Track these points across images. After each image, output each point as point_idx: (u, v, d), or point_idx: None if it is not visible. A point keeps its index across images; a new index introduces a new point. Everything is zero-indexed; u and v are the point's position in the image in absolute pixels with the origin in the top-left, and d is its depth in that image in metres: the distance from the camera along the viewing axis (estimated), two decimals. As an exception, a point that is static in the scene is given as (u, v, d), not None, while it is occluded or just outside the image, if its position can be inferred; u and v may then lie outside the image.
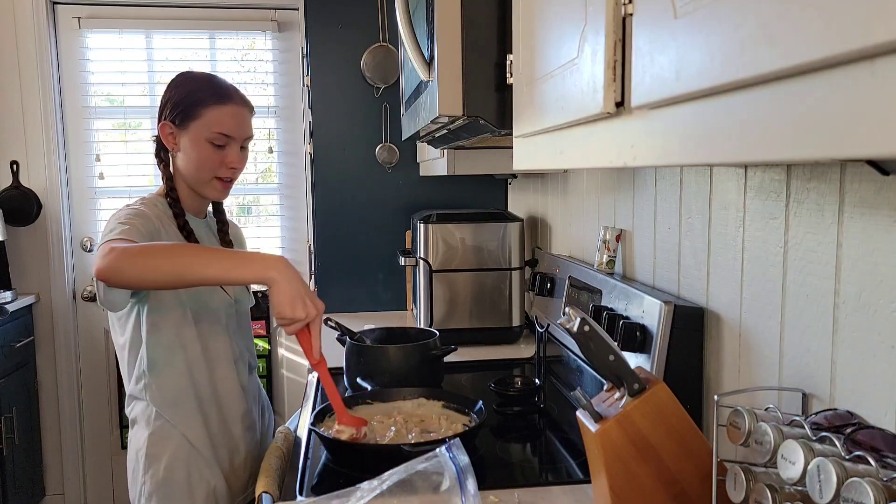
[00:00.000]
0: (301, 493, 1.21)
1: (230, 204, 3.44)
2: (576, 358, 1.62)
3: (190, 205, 1.48)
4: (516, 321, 2.20)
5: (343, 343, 1.78)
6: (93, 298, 3.16)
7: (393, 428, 1.37)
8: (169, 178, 1.46)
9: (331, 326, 1.80)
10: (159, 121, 1.44)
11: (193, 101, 1.41)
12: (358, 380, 1.64)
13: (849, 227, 0.85)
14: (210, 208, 1.58)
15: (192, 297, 1.41)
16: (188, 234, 1.43)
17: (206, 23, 3.25)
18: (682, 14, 0.53)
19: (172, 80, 1.46)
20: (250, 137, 1.48)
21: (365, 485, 1.08)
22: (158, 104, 1.46)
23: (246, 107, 1.47)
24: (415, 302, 2.47)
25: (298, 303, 1.20)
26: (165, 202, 1.45)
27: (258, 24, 3.26)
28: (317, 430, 1.31)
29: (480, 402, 1.41)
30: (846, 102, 0.37)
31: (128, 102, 3.27)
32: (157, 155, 1.47)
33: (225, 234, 1.56)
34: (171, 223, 1.43)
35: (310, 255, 2.92)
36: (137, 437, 1.43)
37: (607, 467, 0.96)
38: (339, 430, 1.32)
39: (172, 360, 1.41)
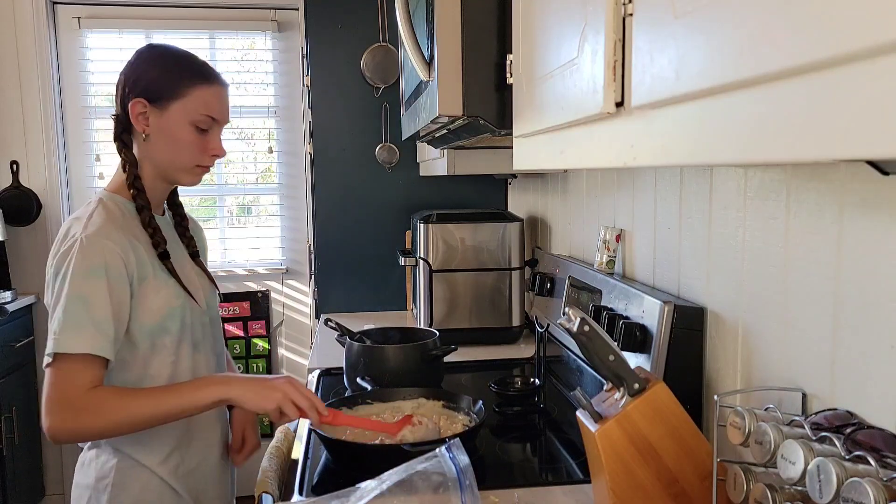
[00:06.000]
0: (301, 493, 1.21)
1: (230, 204, 3.44)
2: (576, 358, 1.62)
3: (151, 196, 1.27)
4: (516, 321, 2.20)
5: (343, 343, 1.78)
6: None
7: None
8: (133, 164, 1.24)
9: (330, 327, 1.80)
10: (125, 99, 1.23)
11: (176, 77, 1.22)
12: (358, 380, 1.64)
13: (849, 228, 0.85)
14: (166, 203, 1.38)
15: (161, 321, 1.23)
16: (154, 231, 1.24)
17: (205, 22, 3.25)
18: (682, 14, 0.53)
19: (141, 54, 1.26)
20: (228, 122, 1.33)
21: (365, 485, 1.08)
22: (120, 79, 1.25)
23: (226, 87, 1.30)
24: (415, 302, 2.47)
25: (267, 394, 1.17)
26: (123, 198, 1.25)
27: (258, 24, 3.26)
28: (317, 430, 1.31)
29: (481, 402, 1.42)
30: (846, 102, 0.37)
31: (128, 102, 3.26)
32: (119, 138, 1.26)
33: (185, 228, 1.38)
34: (134, 222, 1.24)
35: (310, 255, 2.92)
36: (101, 463, 1.24)
37: (607, 467, 0.96)
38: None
39: None
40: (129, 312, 1.18)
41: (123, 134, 1.25)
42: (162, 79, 1.22)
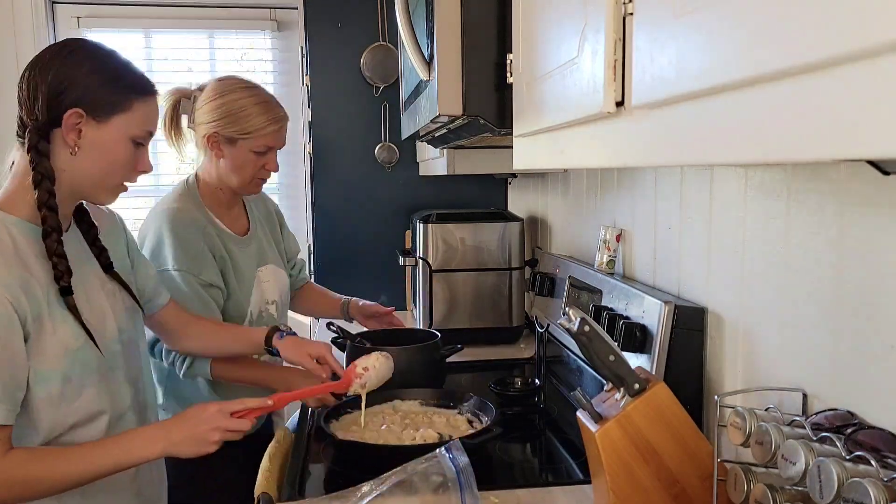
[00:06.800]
0: (301, 494, 1.20)
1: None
2: (576, 358, 1.62)
3: (61, 214, 1.11)
4: (516, 321, 2.20)
5: (342, 347, 1.76)
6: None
7: (384, 426, 1.37)
8: (49, 178, 1.07)
9: (332, 330, 1.80)
10: (57, 105, 1.07)
11: (121, 89, 1.11)
12: None
13: (849, 227, 0.84)
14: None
15: (59, 367, 1.07)
16: (59, 261, 1.07)
17: (205, 22, 3.25)
18: (683, 13, 0.53)
19: (75, 56, 1.10)
20: None
21: (365, 485, 1.08)
22: (26, 82, 1.11)
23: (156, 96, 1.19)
24: (415, 302, 2.47)
25: (202, 437, 1.10)
26: (14, 218, 1.08)
27: (257, 24, 3.26)
28: (327, 429, 1.30)
29: (494, 408, 1.39)
30: (846, 102, 0.37)
31: (127, 102, 3.26)
32: (34, 148, 1.07)
33: (95, 237, 1.21)
34: (27, 248, 1.07)
35: (309, 255, 2.92)
36: None
37: (607, 467, 0.96)
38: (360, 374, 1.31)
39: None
40: (26, 361, 1.03)
41: (40, 143, 1.07)
42: (105, 89, 1.09)
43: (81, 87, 1.08)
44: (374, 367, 1.33)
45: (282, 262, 1.74)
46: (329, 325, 1.84)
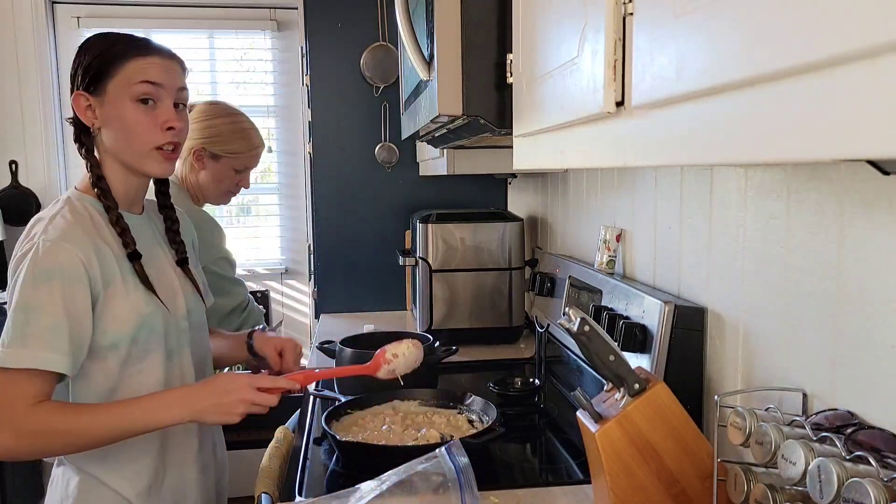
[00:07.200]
0: (301, 494, 1.20)
1: (230, 203, 3.43)
2: (576, 358, 1.62)
3: (124, 194, 1.20)
4: (516, 321, 2.20)
5: (332, 354, 1.74)
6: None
7: (389, 426, 1.37)
8: (95, 165, 1.18)
9: (324, 350, 1.78)
10: (71, 95, 1.17)
11: (108, 58, 1.14)
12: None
13: (849, 227, 0.84)
14: (154, 203, 1.33)
15: (129, 330, 1.14)
16: (122, 231, 1.16)
17: (205, 22, 3.25)
18: (683, 13, 0.53)
19: (81, 46, 1.18)
20: (184, 90, 1.22)
21: (365, 485, 1.08)
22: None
23: (174, 59, 1.21)
24: (414, 302, 2.47)
25: (228, 407, 1.11)
26: (91, 198, 1.18)
27: (257, 24, 3.27)
28: (329, 430, 1.30)
29: (496, 408, 1.39)
30: (846, 102, 0.36)
31: (127, 102, 3.26)
32: (78, 139, 1.19)
33: (175, 233, 1.30)
34: (103, 223, 1.17)
35: (309, 255, 2.92)
36: (65, 482, 1.18)
37: (607, 467, 0.96)
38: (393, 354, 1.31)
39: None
40: (92, 321, 1.10)
41: (82, 135, 1.18)
42: (94, 63, 1.14)
43: (80, 70, 1.16)
44: (404, 354, 1.32)
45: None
46: (321, 344, 1.82)
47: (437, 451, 1.09)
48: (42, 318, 1.05)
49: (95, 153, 1.18)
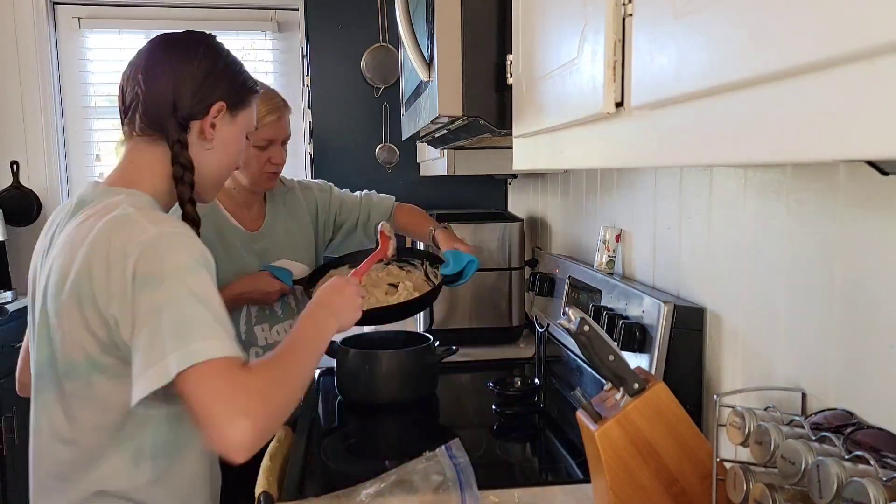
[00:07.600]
0: (301, 493, 1.21)
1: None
2: (576, 358, 1.62)
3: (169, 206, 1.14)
4: (516, 321, 2.20)
5: (332, 353, 1.75)
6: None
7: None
8: (190, 171, 1.07)
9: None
10: (204, 97, 1.05)
11: (249, 84, 1.12)
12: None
13: (848, 228, 0.85)
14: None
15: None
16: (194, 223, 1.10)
17: (205, 23, 3.25)
18: (682, 14, 0.53)
19: (213, 50, 1.08)
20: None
21: (365, 484, 1.08)
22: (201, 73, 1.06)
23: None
24: (415, 302, 2.47)
25: (351, 313, 1.15)
26: (150, 198, 1.07)
27: (258, 24, 3.27)
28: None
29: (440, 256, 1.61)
30: (846, 103, 0.37)
31: (128, 102, 3.27)
32: (178, 141, 1.06)
33: (198, 232, 1.20)
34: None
35: (310, 255, 2.92)
36: None
37: (607, 467, 0.97)
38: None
39: (195, 435, 1.05)
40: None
41: (181, 134, 1.06)
42: (241, 85, 1.11)
43: (227, 80, 1.08)
44: (391, 231, 1.54)
45: (308, 254, 1.76)
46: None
47: (437, 450, 1.10)
48: (211, 304, 0.93)
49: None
